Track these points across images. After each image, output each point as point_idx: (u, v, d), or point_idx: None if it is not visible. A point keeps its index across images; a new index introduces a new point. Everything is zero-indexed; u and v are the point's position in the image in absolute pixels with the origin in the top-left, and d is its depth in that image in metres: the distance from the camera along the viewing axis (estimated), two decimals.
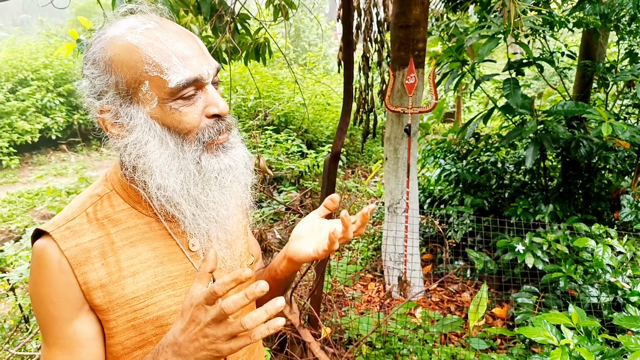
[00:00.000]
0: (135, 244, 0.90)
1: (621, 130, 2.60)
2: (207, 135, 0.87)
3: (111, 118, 0.86)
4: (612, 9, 2.83)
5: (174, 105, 0.84)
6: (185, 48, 0.84)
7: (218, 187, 0.90)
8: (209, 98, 0.87)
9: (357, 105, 4.91)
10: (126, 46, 0.82)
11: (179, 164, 0.86)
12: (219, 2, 3.17)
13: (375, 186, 6.71)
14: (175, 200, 0.87)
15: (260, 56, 3.81)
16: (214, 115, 0.87)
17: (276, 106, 7.34)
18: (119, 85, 0.84)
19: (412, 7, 3.37)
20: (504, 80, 3.34)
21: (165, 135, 0.85)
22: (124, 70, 0.82)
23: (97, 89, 0.86)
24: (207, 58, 0.87)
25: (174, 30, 0.85)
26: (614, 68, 3.42)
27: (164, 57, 0.82)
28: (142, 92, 0.83)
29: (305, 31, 19.39)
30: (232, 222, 0.97)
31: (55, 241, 0.84)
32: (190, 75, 0.83)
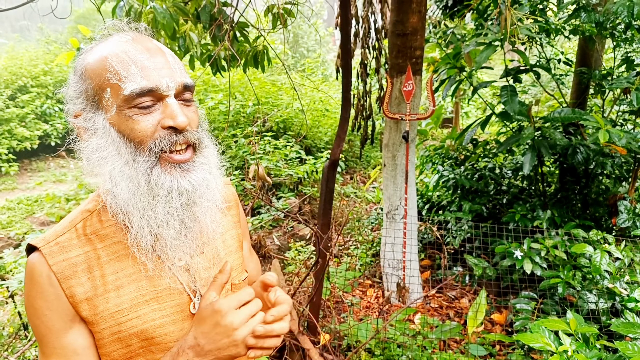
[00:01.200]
0: (121, 259, 0.93)
1: (617, 136, 2.62)
2: (158, 145, 0.87)
3: (81, 122, 0.91)
4: (607, 17, 2.86)
5: (129, 113, 0.86)
6: (147, 60, 0.87)
7: (166, 206, 0.89)
8: (167, 110, 0.88)
9: (356, 111, 4.93)
10: (99, 56, 0.88)
11: (129, 173, 0.88)
12: (218, 11, 3.20)
13: (374, 192, 6.73)
14: (125, 209, 0.89)
15: (259, 63, 3.83)
16: (170, 127, 0.88)
17: (275, 112, 7.36)
18: (88, 91, 0.89)
19: (409, 16, 3.40)
20: (502, 87, 3.36)
21: (120, 142, 0.88)
22: (92, 77, 0.88)
23: (72, 95, 0.91)
24: (172, 72, 0.89)
25: (144, 44, 0.90)
26: (610, 75, 3.45)
27: (124, 66, 0.86)
28: (105, 98, 0.87)
29: (303, 37, 19.48)
30: (200, 241, 0.98)
31: (44, 256, 0.88)
32: (146, 85, 0.85)
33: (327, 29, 20.44)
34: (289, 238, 4.95)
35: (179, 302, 0.96)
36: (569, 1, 3.08)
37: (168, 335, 0.95)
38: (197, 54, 3.81)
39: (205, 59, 3.81)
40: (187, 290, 0.97)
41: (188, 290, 0.97)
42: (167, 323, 0.95)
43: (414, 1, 3.38)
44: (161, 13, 2.96)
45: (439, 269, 3.99)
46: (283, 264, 4.27)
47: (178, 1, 3.27)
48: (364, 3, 4.60)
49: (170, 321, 0.95)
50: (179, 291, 0.97)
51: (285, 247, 4.73)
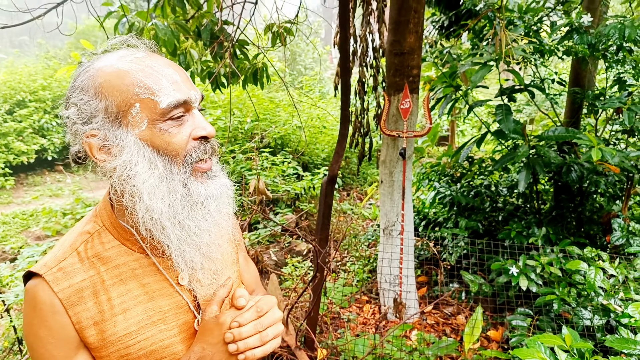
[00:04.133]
0: (126, 281, 0.92)
1: (610, 155, 2.67)
2: (195, 156, 0.90)
3: (98, 142, 0.87)
4: (599, 39, 2.94)
5: (164, 127, 0.87)
6: (174, 74, 0.89)
7: (203, 213, 0.92)
8: (196, 121, 0.91)
9: (353, 128, 4.98)
10: (116, 72, 0.86)
11: (167, 186, 0.88)
12: (220, 29, 3.26)
13: (371, 208, 6.75)
14: (162, 223, 0.88)
15: (258, 80, 3.89)
16: (200, 137, 0.90)
17: (273, 129, 7.42)
18: (109, 109, 0.86)
19: (406, 36, 3.47)
20: (497, 106, 3.42)
21: (154, 157, 0.87)
22: (114, 94, 0.85)
23: (85, 114, 0.87)
24: (192, 85, 0.93)
25: (162, 59, 0.91)
26: (602, 95, 3.52)
27: (155, 80, 0.86)
28: (132, 114, 0.86)
29: (301, 55, 19.67)
30: (216, 251, 0.99)
31: (48, 283, 0.86)
32: (181, 97, 0.87)
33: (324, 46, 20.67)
34: (286, 254, 4.96)
35: (185, 321, 0.96)
36: (561, 23, 3.16)
37: (177, 355, 0.95)
38: (197, 71, 3.86)
39: (206, 76, 3.86)
40: (192, 307, 0.97)
41: (192, 308, 0.97)
42: (175, 342, 0.94)
43: (410, 22, 3.46)
44: (162, 30, 3.01)
45: (436, 285, 4.00)
46: (280, 280, 4.27)
47: (180, 19, 3.34)
48: (362, 23, 4.69)
49: (179, 340, 0.95)
50: (185, 310, 0.96)
51: (282, 262, 4.73)
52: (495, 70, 3.45)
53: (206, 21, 3.37)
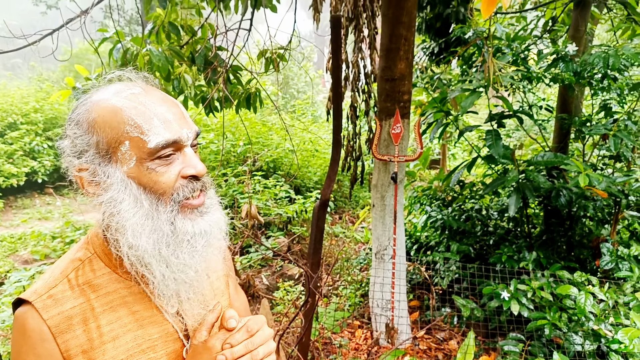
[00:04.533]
0: (116, 309, 0.91)
1: (597, 181, 2.72)
2: (182, 194, 0.90)
3: (88, 176, 0.89)
4: (584, 68, 3.02)
5: (151, 165, 0.87)
6: (166, 112, 0.89)
7: (189, 250, 0.91)
8: (186, 159, 0.91)
9: (345, 152, 5.03)
10: (110, 108, 0.87)
11: (152, 224, 0.88)
12: (214, 55, 3.30)
13: (363, 232, 6.75)
14: (146, 261, 0.89)
15: (251, 105, 3.93)
16: (190, 176, 0.91)
17: (265, 152, 7.45)
18: (100, 144, 0.87)
19: (397, 62, 3.53)
20: (486, 131, 3.48)
21: (141, 195, 0.88)
22: (105, 130, 0.86)
23: (77, 148, 0.89)
24: (187, 122, 0.92)
25: (157, 95, 0.91)
26: (589, 121, 3.59)
27: (146, 119, 0.86)
28: (122, 151, 0.86)
29: (294, 79, 19.88)
30: (203, 285, 0.99)
31: (37, 310, 0.86)
32: (170, 137, 0.87)
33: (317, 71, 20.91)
34: (278, 278, 4.93)
35: (175, 349, 0.96)
36: (548, 52, 3.24)
37: None
38: (191, 95, 3.90)
39: (199, 100, 3.90)
40: (181, 336, 0.97)
41: (181, 336, 0.97)
42: None
43: (401, 49, 3.53)
44: (157, 56, 3.05)
45: (428, 310, 3.99)
46: (271, 304, 4.23)
47: (174, 45, 3.38)
48: (353, 49, 4.78)
49: None
50: (174, 338, 0.96)
51: (274, 286, 4.70)
52: (485, 95, 3.52)
53: (200, 47, 3.42)
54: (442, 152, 9.96)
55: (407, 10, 3.47)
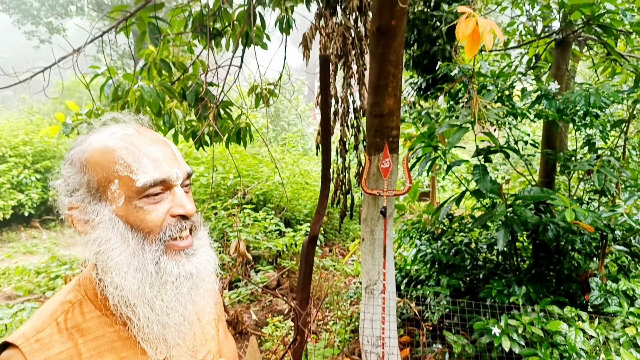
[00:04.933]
0: (103, 354, 0.90)
1: (583, 215, 2.75)
2: (168, 234, 0.90)
3: (78, 214, 0.90)
4: (566, 105, 3.10)
5: (139, 204, 0.88)
6: (157, 152, 0.91)
7: (174, 292, 0.90)
8: (176, 199, 0.91)
9: (335, 186, 5.05)
10: (103, 148, 0.89)
11: (137, 263, 0.88)
12: (205, 91, 3.34)
13: (353, 265, 6.71)
14: (131, 302, 0.88)
15: (241, 139, 3.96)
16: (179, 215, 0.91)
17: (255, 185, 7.45)
18: (91, 183, 0.89)
19: (385, 98, 3.60)
20: (474, 166, 3.53)
21: (128, 233, 0.88)
22: (97, 169, 0.88)
23: (69, 187, 0.91)
24: (178, 162, 0.94)
25: (149, 136, 0.93)
26: (573, 156, 3.66)
27: (136, 158, 0.88)
28: (111, 190, 0.88)
29: (284, 112, 20.08)
30: (190, 329, 0.97)
31: (24, 354, 0.85)
32: (159, 176, 0.88)
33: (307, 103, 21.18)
34: (267, 313, 4.86)
35: None
36: (531, 90, 3.33)
37: None
38: (181, 129, 3.92)
39: (189, 135, 3.92)
40: None
41: None
42: None
43: (389, 86, 3.61)
44: (148, 92, 3.08)
45: (418, 346, 3.94)
46: (260, 341, 4.16)
47: (166, 81, 3.42)
48: (343, 85, 4.86)
49: None
50: None
51: (263, 322, 4.62)
52: (472, 130, 3.58)
53: (192, 83, 3.46)
54: (431, 184, 10.02)
55: (394, 49, 3.55)
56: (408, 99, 5.73)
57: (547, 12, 3.92)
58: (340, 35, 4.57)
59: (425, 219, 5.08)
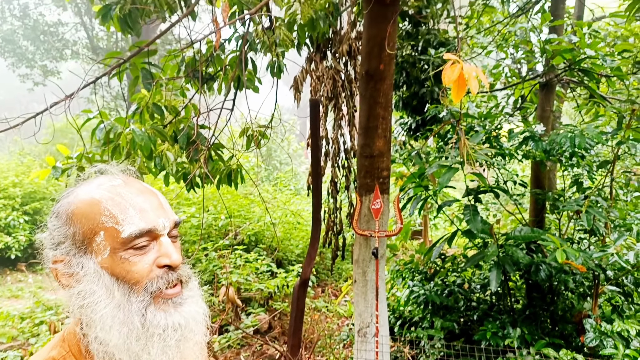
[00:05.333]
0: None
1: (574, 256, 2.76)
2: (155, 285, 0.87)
3: (63, 268, 0.88)
4: (552, 147, 3.16)
5: (125, 255, 0.86)
6: (143, 202, 0.90)
7: (161, 345, 0.87)
8: (162, 249, 0.90)
9: (327, 227, 5.04)
10: (89, 200, 0.89)
11: (123, 316, 0.86)
12: (197, 134, 3.37)
13: (346, 305, 6.61)
14: (117, 357, 0.86)
15: (233, 181, 3.96)
16: (165, 266, 0.89)
17: (247, 225, 7.41)
18: (76, 235, 0.88)
19: (375, 140, 3.65)
20: (464, 206, 3.54)
21: (113, 285, 0.86)
22: (82, 221, 0.87)
23: (55, 240, 0.89)
24: (165, 212, 0.93)
25: (136, 187, 0.93)
26: (562, 196, 3.70)
27: (122, 209, 0.87)
28: (97, 242, 0.87)
29: (277, 150, 20.21)
30: None
31: None
32: (144, 227, 0.87)
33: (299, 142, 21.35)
34: (258, 358, 4.73)
35: None
36: (517, 131, 3.40)
37: None
38: (172, 172, 3.93)
39: (180, 177, 3.92)
40: None
41: None
42: None
43: (379, 127, 3.66)
44: (139, 135, 3.10)
45: None
46: None
47: (157, 124, 3.45)
48: (333, 126, 4.93)
49: None
50: None
51: None
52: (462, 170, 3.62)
53: (184, 127, 3.49)
54: (423, 222, 10.02)
55: (383, 91, 3.63)
56: (398, 139, 5.81)
57: (531, 56, 4.05)
58: (331, 78, 4.67)
59: (417, 258, 5.05)
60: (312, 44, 4.69)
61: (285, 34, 3.79)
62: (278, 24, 3.91)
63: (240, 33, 3.79)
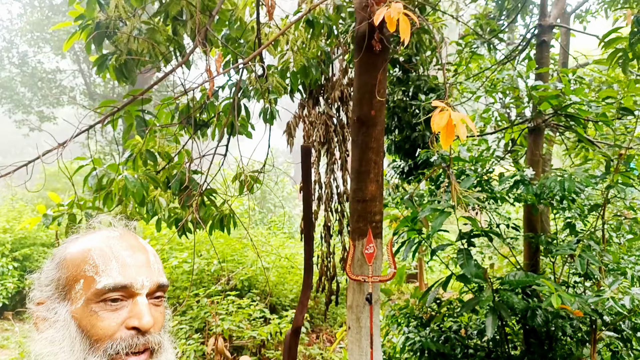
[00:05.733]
0: None
1: (570, 301, 2.73)
2: (115, 348, 0.82)
3: (42, 311, 0.87)
4: (543, 190, 3.19)
5: (96, 308, 0.83)
6: (129, 256, 0.88)
7: None
8: (135, 310, 0.85)
9: (320, 272, 4.98)
10: (82, 248, 0.88)
11: None
12: (190, 180, 3.38)
13: (341, 352, 6.44)
14: None
15: (225, 226, 3.94)
16: (134, 328, 0.84)
17: (240, 270, 7.32)
18: (60, 280, 0.87)
19: (368, 184, 3.67)
20: (458, 250, 3.53)
21: (76, 338, 0.83)
22: (69, 267, 0.87)
23: (42, 281, 0.89)
24: (150, 271, 0.89)
25: (130, 241, 0.92)
26: (555, 239, 3.69)
27: (105, 260, 0.86)
28: (76, 289, 0.85)
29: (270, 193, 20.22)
30: None
31: None
32: (121, 281, 0.84)
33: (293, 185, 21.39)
34: None
35: None
36: (507, 176, 3.43)
37: None
38: (164, 217, 3.91)
39: (173, 222, 3.90)
40: None
41: None
42: None
43: (371, 172, 3.69)
44: (132, 182, 3.10)
45: None
46: None
47: (150, 171, 3.46)
48: (326, 170, 4.96)
49: None
50: None
51: None
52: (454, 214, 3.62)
53: (177, 173, 3.50)
54: (419, 265, 9.94)
55: (374, 137, 3.68)
56: (391, 182, 5.84)
57: (519, 101, 4.14)
58: (323, 123, 4.74)
59: (413, 303, 4.97)
60: (305, 90, 4.79)
61: (278, 81, 3.88)
62: (271, 72, 4.00)
63: (234, 81, 3.87)
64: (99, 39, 2.94)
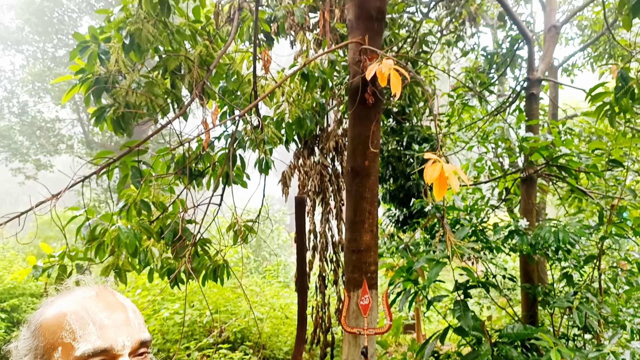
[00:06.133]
0: None
1: (569, 357, 2.66)
2: None
3: None
4: (537, 241, 3.18)
5: None
6: (106, 318, 0.85)
7: None
8: None
9: (314, 324, 4.87)
10: (57, 313, 0.85)
11: None
12: (183, 229, 3.36)
13: None
14: None
15: (218, 277, 3.89)
16: None
17: (233, 321, 7.14)
18: (38, 349, 0.84)
19: (362, 234, 3.66)
20: (454, 302, 3.47)
21: None
22: (45, 335, 0.84)
23: (20, 351, 0.86)
24: (131, 329, 0.87)
25: (107, 300, 0.89)
26: (552, 290, 3.65)
27: (82, 324, 0.83)
28: (54, 357, 0.82)
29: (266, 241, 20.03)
30: None
31: None
32: (100, 345, 0.82)
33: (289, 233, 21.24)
34: None
35: None
36: (501, 227, 3.44)
37: None
38: (157, 267, 3.85)
39: (165, 273, 3.84)
40: None
41: None
42: None
43: (366, 222, 3.69)
44: (125, 233, 3.08)
45: None
46: None
47: (144, 221, 3.44)
48: (321, 220, 4.96)
49: None
50: None
51: None
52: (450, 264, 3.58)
53: (170, 222, 3.49)
54: (416, 315, 9.73)
55: (369, 187, 3.71)
56: (386, 231, 5.83)
57: (510, 151, 4.21)
58: (318, 173, 4.78)
59: (409, 357, 4.84)
60: (300, 140, 4.85)
61: (273, 132, 3.93)
62: (267, 123, 4.07)
63: (230, 132, 3.92)
64: (98, 93, 3.00)
